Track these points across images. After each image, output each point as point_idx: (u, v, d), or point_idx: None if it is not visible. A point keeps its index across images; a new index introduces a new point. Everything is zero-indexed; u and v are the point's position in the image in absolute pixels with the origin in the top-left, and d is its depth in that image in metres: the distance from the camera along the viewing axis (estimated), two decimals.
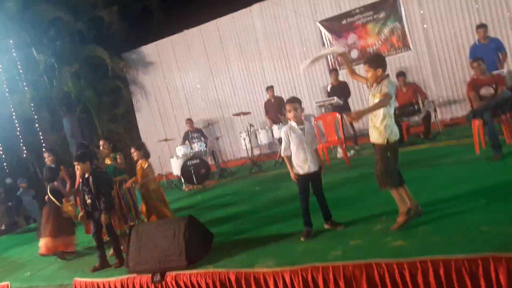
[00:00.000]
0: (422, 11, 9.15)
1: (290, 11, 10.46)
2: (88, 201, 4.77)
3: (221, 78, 11.62)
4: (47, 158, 5.78)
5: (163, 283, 4.01)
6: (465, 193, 4.12)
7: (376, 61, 3.70)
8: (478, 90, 5.47)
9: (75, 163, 4.77)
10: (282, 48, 10.69)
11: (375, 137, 3.66)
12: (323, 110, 8.92)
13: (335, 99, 7.87)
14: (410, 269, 2.97)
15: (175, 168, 9.15)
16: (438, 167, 5.51)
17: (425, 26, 9.17)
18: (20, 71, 11.40)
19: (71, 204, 5.59)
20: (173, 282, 3.95)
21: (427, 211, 3.77)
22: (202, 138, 9.61)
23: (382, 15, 9.49)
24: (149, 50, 12.57)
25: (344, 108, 7.95)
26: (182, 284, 3.92)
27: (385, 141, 3.59)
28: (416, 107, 7.58)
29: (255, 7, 10.90)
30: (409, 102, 7.75)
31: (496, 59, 6.66)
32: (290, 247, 3.86)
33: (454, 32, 8.89)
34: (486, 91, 5.40)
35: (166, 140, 10.04)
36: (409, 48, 9.37)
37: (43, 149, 8.21)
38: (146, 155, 5.52)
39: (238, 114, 9.19)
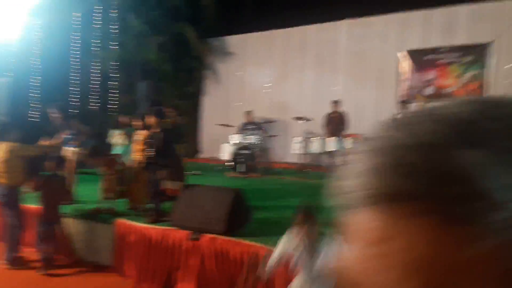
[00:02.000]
0: (510, 65, 8.94)
1: (377, 35, 10.57)
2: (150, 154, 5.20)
3: (292, 82, 11.92)
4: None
5: (198, 242, 4.34)
6: None
7: None
8: None
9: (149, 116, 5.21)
10: (359, 67, 10.81)
11: None
12: None
13: None
14: None
15: (226, 153, 9.52)
16: None
17: (509, 81, 8.95)
18: (115, 30, 12.40)
19: None
20: (208, 244, 4.26)
21: None
22: (258, 132, 9.91)
23: (468, 59, 9.37)
24: (233, 41, 13.14)
25: None
26: (214, 247, 4.23)
27: None
28: None
29: (344, 22, 11.12)
30: None
31: None
32: None
33: None
34: None
35: (227, 125, 10.43)
36: None
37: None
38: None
39: (300, 118, 9.42)
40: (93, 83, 12.95)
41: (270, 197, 6.67)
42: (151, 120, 5.25)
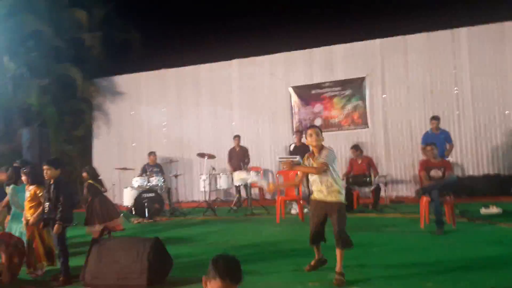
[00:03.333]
0: (384, 96, 10.16)
1: (266, 72, 11.20)
2: (46, 209, 4.69)
3: (189, 119, 11.92)
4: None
5: None
6: (411, 261, 4.53)
7: (319, 129, 4.27)
8: (428, 171, 6.14)
9: (45, 167, 4.71)
10: (253, 103, 11.27)
11: (337, 196, 4.02)
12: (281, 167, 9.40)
13: (298, 158, 8.34)
14: None
15: (128, 198, 9.04)
16: (385, 234, 5.99)
17: (384, 109, 10.13)
18: None
19: None
20: None
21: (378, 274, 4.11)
22: (160, 174, 9.65)
23: (348, 92, 10.41)
24: (122, 80, 12.75)
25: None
26: None
27: (343, 200, 4.06)
28: (368, 179, 8.21)
29: (234, 61, 11.57)
30: (362, 173, 8.39)
31: (444, 148, 7.52)
32: (252, 283, 4.04)
33: (409, 119, 9.89)
34: (435, 173, 6.09)
35: (126, 169, 9.95)
36: (367, 125, 10.24)
37: None
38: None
39: (202, 155, 9.39)
40: None
41: (186, 239, 6.47)
42: (45, 171, 4.75)
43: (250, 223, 7.64)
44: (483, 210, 6.83)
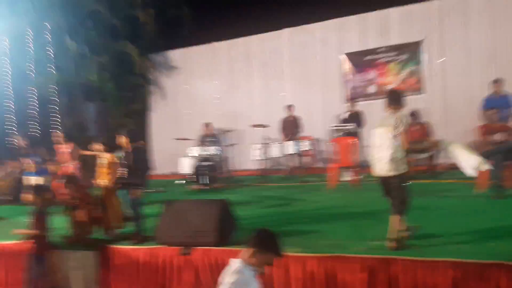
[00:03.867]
0: (441, 60, 9.79)
1: (318, 40, 11.10)
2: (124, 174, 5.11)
3: (241, 91, 12.12)
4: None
5: (190, 256, 4.34)
6: (472, 224, 4.53)
7: (396, 97, 4.10)
8: (491, 135, 5.98)
9: (125, 138, 5.12)
10: (304, 73, 11.25)
11: (390, 168, 3.91)
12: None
13: (351, 126, 8.38)
14: (423, 267, 3.38)
15: (186, 167, 9.46)
16: (443, 199, 5.96)
17: (443, 74, 9.78)
18: (52, 54, 11.90)
19: None
20: (201, 256, 4.28)
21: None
22: (217, 143, 9.99)
23: (404, 57, 10.13)
24: (176, 55, 13.12)
25: (354, 135, 8.44)
26: (208, 259, 4.26)
27: (403, 171, 3.93)
28: (425, 145, 8.08)
29: (285, 31, 11.54)
30: (419, 140, 8.25)
31: (508, 113, 7.22)
32: (314, 240, 4.25)
33: (469, 84, 9.49)
34: (498, 137, 5.92)
35: (185, 139, 10.33)
36: (425, 91, 9.96)
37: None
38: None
39: (256, 126, 9.60)
40: (32, 109, 12.31)
41: (244, 203, 6.78)
42: (122, 140, 5.17)
43: (304, 190, 7.83)
44: None
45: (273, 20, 11.94)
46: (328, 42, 11.00)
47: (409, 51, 10.10)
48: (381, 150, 3.98)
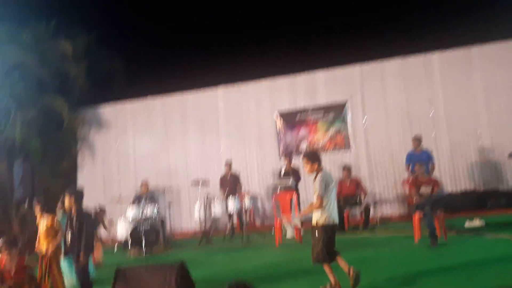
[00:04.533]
0: (365, 119, 10.75)
1: (252, 99, 11.64)
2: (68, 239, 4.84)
3: (177, 148, 12.11)
4: None
5: None
6: (414, 272, 4.93)
7: (314, 156, 4.62)
8: (418, 188, 6.64)
9: (68, 195, 4.88)
10: (240, 129, 11.62)
11: (316, 218, 4.46)
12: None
13: (290, 181, 8.74)
14: None
15: (122, 231, 9.04)
16: (382, 251, 6.38)
17: (366, 131, 10.71)
18: None
19: None
20: None
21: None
22: (154, 203, 9.72)
23: (331, 116, 10.96)
24: (108, 110, 12.86)
25: (293, 190, 8.80)
26: None
27: (319, 223, 4.41)
28: (358, 199, 8.68)
29: (220, 89, 11.95)
30: (351, 194, 8.84)
31: (428, 167, 8.07)
32: None
33: (389, 141, 10.48)
34: (425, 189, 6.59)
35: (119, 200, 9.94)
36: (350, 148, 10.77)
37: None
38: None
39: (197, 183, 9.58)
40: None
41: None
42: (66, 201, 4.94)
43: (249, 249, 7.86)
44: (468, 224, 7.38)
45: (209, 78, 12.39)
46: (261, 101, 11.57)
47: (335, 111, 10.96)
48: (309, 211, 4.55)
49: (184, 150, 12.09)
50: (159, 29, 14.28)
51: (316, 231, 4.44)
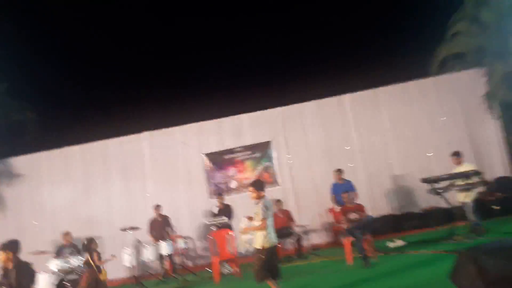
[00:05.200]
0: (288, 156, 11.36)
1: (178, 142, 11.69)
2: None
3: (99, 196, 11.58)
4: None
5: None
6: None
7: (259, 184, 5.10)
8: (347, 215, 7.16)
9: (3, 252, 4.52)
10: (167, 172, 11.52)
11: (255, 241, 4.88)
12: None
13: (225, 218, 8.85)
14: None
15: (45, 284, 8.35)
16: (317, 276, 6.68)
17: (290, 167, 11.29)
18: None
19: None
20: None
21: None
22: (78, 254, 9.17)
23: (257, 155, 11.41)
24: (20, 162, 11.98)
25: (228, 227, 8.92)
26: None
27: (264, 245, 4.80)
28: (290, 230, 9.02)
29: (144, 134, 11.84)
30: (284, 226, 9.16)
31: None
32: None
33: (311, 174, 11.16)
34: (353, 215, 7.13)
35: (42, 253, 9.14)
36: (278, 183, 11.23)
37: None
38: None
39: (125, 229, 9.23)
40: None
41: None
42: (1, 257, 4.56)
43: None
44: (391, 244, 8.02)
45: (132, 124, 12.27)
46: (188, 143, 11.67)
47: (261, 150, 11.44)
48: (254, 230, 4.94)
49: (107, 197, 11.59)
50: (77, 76, 13.94)
51: (260, 253, 4.76)
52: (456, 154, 8.32)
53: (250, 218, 7.40)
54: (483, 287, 3.92)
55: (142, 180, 11.60)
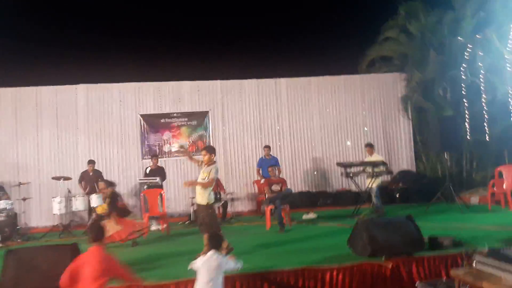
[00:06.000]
0: (223, 127, 12.06)
1: (115, 99, 11.81)
2: None
3: (28, 142, 11.42)
4: None
5: None
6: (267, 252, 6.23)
7: (212, 149, 6.01)
8: (270, 186, 8.10)
9: None
10: (101, 128, 11.64)
11: (201, 199, 5.67)
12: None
13: (157, 179, 9.41)
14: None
15: None
16: (239, 238, 7.56)
17: (224, 139, 12.01)
18: None
19: None
20: None
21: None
22: (5, 196, 9.19)
23: (194, 123, 11.96)
24: None
25: (160, 188, 9.50)
26: None
27: (208, 202, 5.69)
28: (218, 196, 9.80)
29: (81, 86, 11.76)
30: (214, 191, 9.90)
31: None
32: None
33: (244, 148, 12.01)
34: (275, 187, 8.09)
35: None
36: None
37: None
38: None
39: (57, 178, 9.39)
40: None
41: None
42: None
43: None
44: (304, 216, 9.16)
45: (68, 74, 12.09)
46: (125, 102, 11.84)
47: (198, 119, 12.00)
48: (199, 187, 5.74)
49: (37, 144, 11.47)
50: (18, 21, 13.24)
51: (203, 208, 5.60)
52: (369, 145, 9.63)
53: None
54: (371, 250, 5.04)
55: (74, 131, 11.60)
